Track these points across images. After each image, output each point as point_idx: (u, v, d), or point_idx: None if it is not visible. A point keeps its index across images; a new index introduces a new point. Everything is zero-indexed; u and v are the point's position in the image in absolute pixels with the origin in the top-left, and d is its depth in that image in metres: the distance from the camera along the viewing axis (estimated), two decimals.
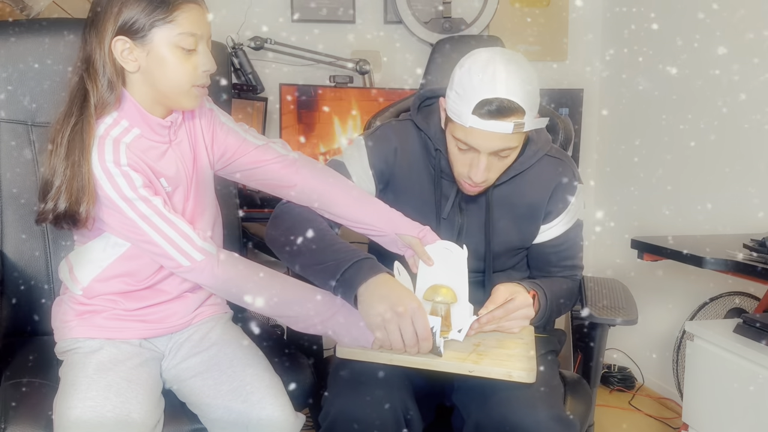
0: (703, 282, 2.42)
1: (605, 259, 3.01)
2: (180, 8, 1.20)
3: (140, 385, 1.25)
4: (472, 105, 1.25)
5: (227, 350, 1.35)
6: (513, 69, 1.26)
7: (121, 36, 1.20)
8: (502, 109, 1.24)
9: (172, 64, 1.22)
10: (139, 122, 1.26)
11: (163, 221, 1.22)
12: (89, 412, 1.15)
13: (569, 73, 3.02)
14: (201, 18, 1.23)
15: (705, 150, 2.43)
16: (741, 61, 2.26)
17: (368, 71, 2.64)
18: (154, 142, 1.29)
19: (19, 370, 1.35)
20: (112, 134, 1.23)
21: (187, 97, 1.26)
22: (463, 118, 1.27)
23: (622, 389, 2.77)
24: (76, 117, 1.22)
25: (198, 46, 1.23)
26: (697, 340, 1.72)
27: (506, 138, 1.28)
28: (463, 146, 1.31)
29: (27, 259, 1.54)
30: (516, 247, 1.51)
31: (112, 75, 1.22)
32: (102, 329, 1.32)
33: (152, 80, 1.24)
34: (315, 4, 2.70)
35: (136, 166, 1.23)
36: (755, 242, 1.61)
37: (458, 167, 1.37)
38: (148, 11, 1.19)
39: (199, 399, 1.27)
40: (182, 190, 1.33)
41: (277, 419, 1.21)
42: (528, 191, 1.46)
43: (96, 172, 1.20)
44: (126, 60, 1.22)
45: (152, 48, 1.21)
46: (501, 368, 1.20)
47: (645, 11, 2.74)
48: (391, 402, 1.20)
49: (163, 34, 1.20)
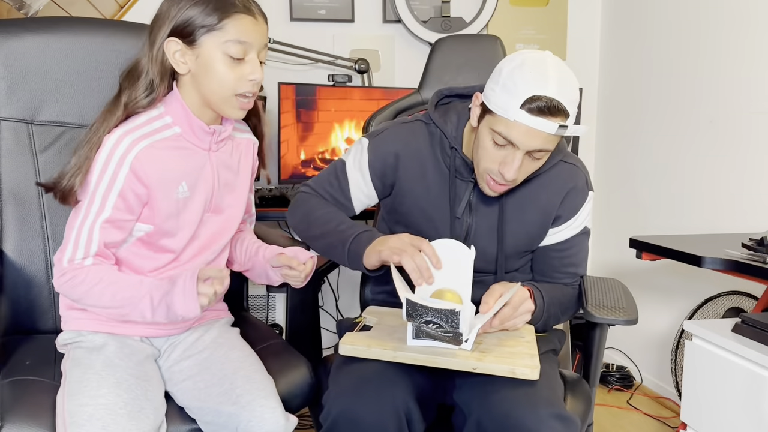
0: (701, 281, 2.43)
1: (604, 259, 3.02)
2: (231, 16, 1.23)
3: (147, 381, 1.25)
4: (521, 99, 1.25)
5: (219, 353, 1.35)
6: (564, 73, 1.29)
7: (174, 38, 1.25)
8: (551, 108, 1.25)
9: (218, 71, 1.25)
10: (182, 122, 1.31)
11: (87, 230, 1.26)
12: (102, 410, 1.15)
13: None
14: (253, 28, 1.25)
15: (704, 149, 2.43)
16: (740, 61, 2.26)
17: (367, 70, 2.65)
18: (192, 145, 1.33)
19: (17, 368, 1.34)
20: (153, 126, 1.29)
21: (228, 105, 1.29)
22: (509, 112, 1.27)
23: (620, 388, 2.78)
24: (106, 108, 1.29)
25: (247, 56, 1.25)
26: (695, 340, 1.72)
27: (547, 138, 1.29)
28: (502, 141, 1.31)
29: (26, 258, 1.53)
30: (523, 250, 1.51)
31: (155, 76, 1.27)
32: (107, 324, 1.32)
33: (199, 84, 1.28)
34: (314, 4, 2.70)
35: (140, 171, 1.26)
36: (754, 241, 1.62)
37: (488, 163, 1.35)
38: (203, 16, 1.23)
39: (191, 402, 1.28)
40: (202, 200, 1.35)
41: (267, 422, 1.21)
42: (541, 195, 1.47)
43: (100, 158, 1.25)
44: (177, 62, 1.26)
45: (201, 52, 1.25)
46: (504, 365, 1.20)
47: (644, 11, 2.75)
48: (392, 401, 1.20)
49: (212, 39, 1.24)
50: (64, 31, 1.57)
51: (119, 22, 1.67)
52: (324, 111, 2.52)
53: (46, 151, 1.55)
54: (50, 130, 1.56)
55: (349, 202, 1.53)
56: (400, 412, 1.20)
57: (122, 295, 1.24)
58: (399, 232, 1.51)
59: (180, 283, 1.22)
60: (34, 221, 1.54)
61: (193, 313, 1.22)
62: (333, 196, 1.53)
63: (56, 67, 1.56)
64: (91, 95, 1.58)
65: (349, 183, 1.52)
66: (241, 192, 1.45)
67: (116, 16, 2.54)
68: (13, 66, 1.53)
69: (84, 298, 1.26)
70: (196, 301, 1.21)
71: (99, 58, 1.59)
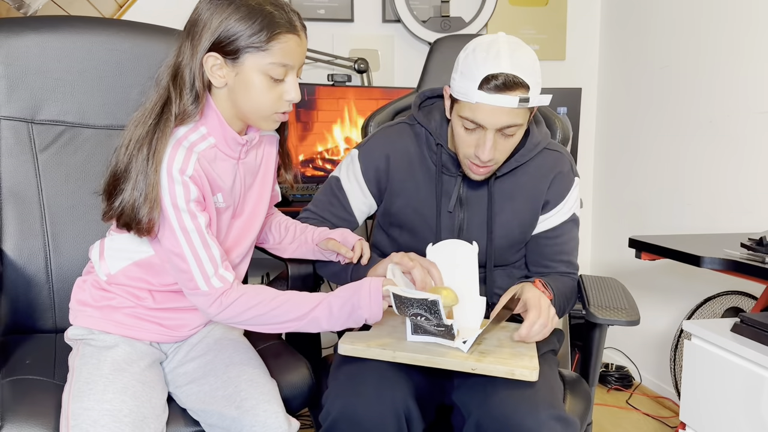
0: (700, 281, 2.43)
1: (603, 258, 3.02)
2: (278, 39, 1.19)
3: (152, 387, 1.25)
4: (478, 81, 1.29)
5: (223, 356, 1.34)
6: (515, 47, 1.32)
7: (214, 52, 1.20)
8: (507, 83, 1.28)
9: (258, 90, 1.22)
10: (217, 132, 1.27)
11: (200, 240, 1.22)
12: (107, 416, 1.14)
13: (568, 72, 3.03)
14: (297, 49, 1.23)
15: (703, 148, 2.43)
16: (740, 60, 2.27)
17: (366, 70, 2.65)
18: (225, 155, 1.30)
19: (17, 368, 1.34)
20: (189, 139, 1.24)
21: (266, 121, 1.28)
22: (469, 95, 1.31)
23: (619, 388, 2.78)
24: (154, 121, 1.21)
25: (287, 77, 1.24)
26: (694, 339, 1.72)
27: (512, 113, 1.31)
28: (470, 125, 1.34)
29: (26, 257, 1.53)
30: (517, 241, 1.53)
31: (200, 88, 1.22)
32: (119, 325, 1.31)
33: (235, 99, 1.25)
34: (313, 3, 2.70)
35: (198, 179, 1.23)
36: (753, 241, 1.62)
37: (465, 149, 1.39)
38: (248, 35, 1.18)
39: (195, 405, 1.27)
40: (231, 209, 1.34)
41: (270, 426, 1.21)
42: (528, 182, 1.50)
43: (162, 176, 1.19)
44: (214, 75, 1.22)
45: (242, 70, 1.21)
46: (504, 366, 1.20)
47: (643, 11, 2.75)
48: (392, 401, 1.20)
49: (255, 60, 1.20)
50: (64, 30, 1.57)
51: (121, 21, 1.67)
52: (323, 111, 2.52)
53: (47, 150, 1.56)
54: (50, 129, 1.56)
55: (351, 217, 1.57)
56: (400, 412, 1.20)
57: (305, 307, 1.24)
58: (394, 234, 1.53)
59: (366, 286, 1.22)
60: (34, 221, 1.54)
61: (376, 318, 1.22)
62: (335, 215, 1.56)
63: (56, 66, 1.56)
64: (91, 94, 1.59)
65: (348, 197, 1.55)
66: (265, 192, 1.43)
67: (116, 15, 2.54)
68: (13, 65, 1.53)
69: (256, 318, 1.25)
70: (381, 307, 1.21)
71: (99, 57, 1.59)
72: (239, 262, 1.40)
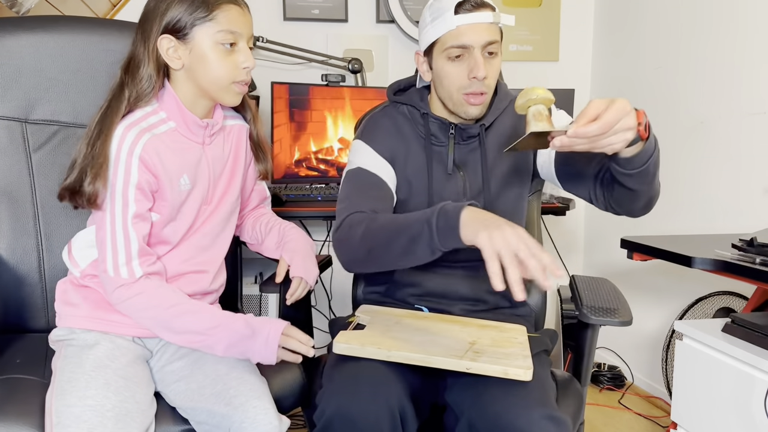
0: (692, 282, 2.44)
1: (595, 259, 3.03)
2: (220, 7, 1.29)
3: (136, 383, 1.25)
4: (452, 8, 1.40)
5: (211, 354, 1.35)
6: None
7: (166, 35, 1.29)
8: (478, 3, 1.40)
9: (213, 61, 1.30)
10: (176, 116, 1.35)
11: (122, 228, 1.29)
12: (89, 411, 1.15)
13: (561, 73, 3.04)
14: (240, 17, 1.32)
15: (694, 150, 2.45)
16: (732, 61, 2.28)
17: (360, 70, 2.65)
18: (187, 139, 1.37)
19: (7, 366, 1.34)
20: (149, 121, 1.32)
21: (227, 92, 1.35)
22: (448, 23, 1.40)
23: (611, 388, 2.79)
24: (107, 104, 1.31)
25: (238, 44, 1.32)
26: (686, 340, 1.73)
27: (490, 29, 1.41)
28: (457, 51, 1.41)
29: (19, 256, 1.53)
30: (515, 178, 1.54)
31: (152, 70, 1.31)
32: (101, 321, 1.33)
33: (195, 77, 1.33)
34: (307, 3, 2.70)
35: (148, 159, 1.29)
36: (743, 242, 1.63)
37: (457, 81, 1.44)
38: (191, 11, 1.28)
39: (184, 402, 1.27)
40: (200, 194, 1.40)
41: (260, 423, 1.21)
42: (507, 123, 1.55)
43: (111, 153, 1.27)
44: (171, 58, 1.31)
45: (194, 45, 1.30)
46: (497, 366, 1.21)
47: (636, 13, 2.76)
48: (387, 400, 1.21)
49: (204, 32, 1.29)
50: (58, 30, 1.57)
51: (114, 21, 1.67)
52: (317, 110, 2.52)
53: (40, 149, 1.55)
54: (44, 129, 1.56)
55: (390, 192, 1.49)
56: (395, 411, 1.20)
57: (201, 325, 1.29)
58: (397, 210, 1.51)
59: (264, 333, 1.28)
60: (27, 220, 1.54)
61: (268, 362, 1.29)
62: (375, 196, 1.46)
63: (50, 66, 1.56)
64: (85, 94, 1.59)
65: (377, 174, 1.49)
66: (236, 180, 1.49)
67: (109, 15, 2.54)
68: (6, 64, 1.53)
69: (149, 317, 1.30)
70: (275, 354, 1.28)
71: (93, 56, 1.59)
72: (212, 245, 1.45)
